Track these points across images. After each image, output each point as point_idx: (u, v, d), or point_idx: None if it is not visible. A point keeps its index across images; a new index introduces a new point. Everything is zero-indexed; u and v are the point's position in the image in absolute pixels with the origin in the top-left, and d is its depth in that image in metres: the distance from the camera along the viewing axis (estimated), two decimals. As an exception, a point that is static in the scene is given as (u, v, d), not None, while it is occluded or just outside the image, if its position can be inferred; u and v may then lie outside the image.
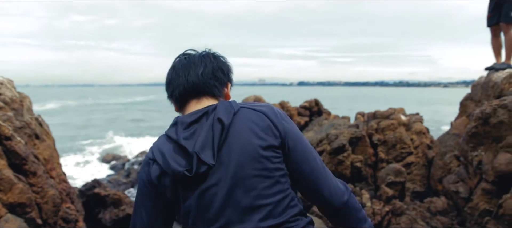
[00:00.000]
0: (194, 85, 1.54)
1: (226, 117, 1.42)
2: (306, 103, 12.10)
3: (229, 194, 1.37)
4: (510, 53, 6.84)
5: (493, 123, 5.08)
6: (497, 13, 6.77)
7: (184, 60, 1.60)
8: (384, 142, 7.77)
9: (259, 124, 1.44)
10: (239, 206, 1.37)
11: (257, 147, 1.39)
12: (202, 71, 1.55)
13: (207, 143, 1.38)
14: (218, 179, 1.38)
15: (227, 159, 1.38)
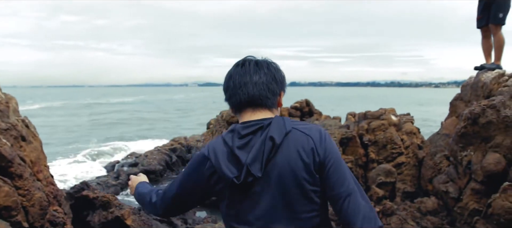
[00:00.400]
0: (249, 98, 1.67)
1: (278, 136, 1.57)
2: (297, 103, 12.08)
3: (269, 205, 1.57)
4: (499, 54, 6.88)
5: (482, 123, 5.09)
6: (486, 15, 6.81)
7: (241, 69, 1.71)
8: (375, 142, 7.78)
9: (305, 147, 1.57)
10: (276, 216, 1.57)
11: (300, 169, 1.55)
12: (257, 81, 1.67)
13: (257, 157, 1.55)
14: (261, 189, 1.57)
15: (272, 174, 1.56)
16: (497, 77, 6.28)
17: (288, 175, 1.55)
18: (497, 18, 6.69)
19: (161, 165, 12.16)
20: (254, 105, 1.68)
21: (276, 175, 1.56)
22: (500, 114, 4.99)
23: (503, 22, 6.73)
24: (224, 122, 11.60)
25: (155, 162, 12.13)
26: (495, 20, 6.70)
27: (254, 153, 1.55)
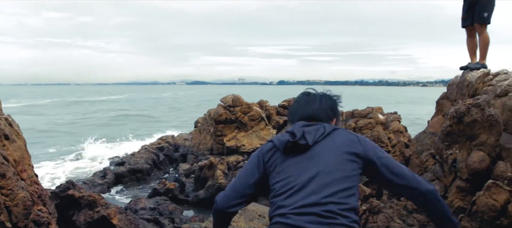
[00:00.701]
0: (309, 115, 2.18)
1: (328, 127, 2.09)
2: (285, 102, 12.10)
3: (316, 171, 1.94)
4: (484, 53, 6.95)
5: (467, 121, 5.13)
6: (471, 14, 6.87)
7: (306, 97, 2.29)
8: (362, 140, 7.83)
9: (351, 138, 2.08)
10: (319, 181, 1.92)
11: (343, 151, 2.01)
12: (318, 107, 2.21)
13: (311, 132, 2.04)
14: (312, 157, 1.99)
15: (322, 149, 2.01)
16: (482, 76, 6.34)
17: (334, 153, 2.01)
18: (482, 17, 6.76)
19: (148, 164, 12.08)
20: (312, 120, 2.17)
21: (325, 151, 2.01)
22: (484, 112, 5.03)
23: (488, 21, 6.80)
24: (212, 120, 11.58)
25: (142, 161, 12.05)
26: (480, 20, 6.77)
27: (309, 130, 2.06)
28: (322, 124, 2.11)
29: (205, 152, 11.58)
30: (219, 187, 8.44)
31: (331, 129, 2.08)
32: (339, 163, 1.97)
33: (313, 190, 1.90)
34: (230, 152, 10.91)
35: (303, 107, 2.24)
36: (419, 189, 2.01)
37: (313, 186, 1.91)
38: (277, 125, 11.47)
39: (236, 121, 11.32)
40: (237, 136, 11.19)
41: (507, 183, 4.84)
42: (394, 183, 2.05)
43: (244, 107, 11.44)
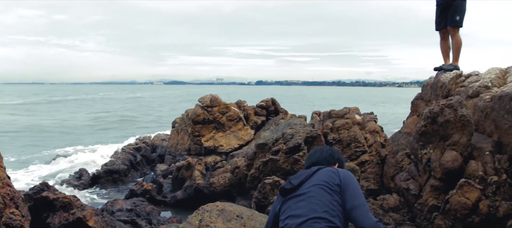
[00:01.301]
0: (312, 163, 2.88)
1: (315, 170, 2.73)
2: (263, 102, 12.11)
3: (306, 201, 2.55)
4: (457, 55, 7.12)
5: (440, 121, 5.25)
6: (444, 18, 7.04)
7: (314, 150, 3.04)
8: (339, 140, 7.90)
9: (332, 172, 2.67)
10: (310, 206, 2.51)
11: (327, 180, 2.60)
12: (319, 156, 2.92)
13: (297, 178, 2.71)
14: (302, 192, 2.61)
15: (308, 185, 2.63)
16: (454, 78, 6.49)
17: (318, 186, 2.60)
18: (455, 21, 6.93)
19: (125, 165, 11.92)
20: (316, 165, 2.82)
21: (311, 186, 2.62)
22: (457, 113, 5.15)
23: (461, 25, 6.97)
24: (190, 120, 11.51)
25: (119, 162, 11.88)
26: (453, 23, 6.93)
27: (298, 175, 2.76)
28: (312, 168, 2.77)
29: (182, 152, 11.50)
30: (197, 188, 8.40)
31: (316, 169, 2.74)
32: (324, 191, 2.59)
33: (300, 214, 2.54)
34: (208, 152, 10.87)
35: (308, 157, 3.04)
36: None
37: (300, 215, 2.52)
38: (255, 125, 11.48)
39: (214, 121, 11.29)
40: (215, 136, 11.15)
41: (478, 181, 4.97)
42: None
43: (222, 108, 11.42)
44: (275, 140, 7.76)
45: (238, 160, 8.75)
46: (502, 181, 4.83)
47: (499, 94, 5.16)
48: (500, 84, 5.72)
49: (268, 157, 7.50)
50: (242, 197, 7.87)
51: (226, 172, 8.43)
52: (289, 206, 2.63)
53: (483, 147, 5.17)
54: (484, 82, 5.76)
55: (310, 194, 2.56)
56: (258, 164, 7.62)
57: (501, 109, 5.04)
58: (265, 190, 6.80)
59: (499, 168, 4.94)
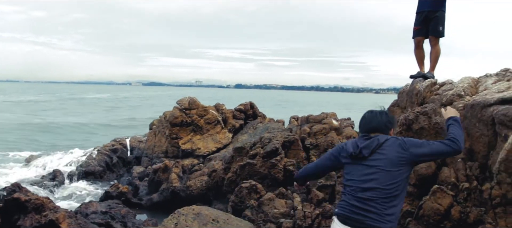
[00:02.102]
0: (373, 128, 3.20)
1: (382, 139, 3.06)
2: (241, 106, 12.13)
3: (372, 175, 2.96)
4: (434, 65, 7.26)
5: (415, 128, 5.34)
6: (425, 27, 7.14)
7: (370, 114, 3.31)
8: (316, 145, 7.97)
9: (400, 144, 3.02)
10: (375, 180, 2.94)
11: (395, 158, 2.98)
12: (379, 120, 3.21)
13: (368, 147, 3.04)
14: (370, 166, 2.99)
15: (378, 157, 2.99)
16: (429, 85, 6.62)
17: (388, 161, 2.97)
18: (438, 31, 7.05)
19: (101, 166, 11.78)
20: (375, 131, 3.18)
21: (382, 158, 2.99)
22: (431, 120, 5.26)
23: (443, 35, 7.11)
24: (167, 122, 11.44)
25: (94, 163, 11.73)
26: (436, 33, 7.06)
27: (366, 144, 3.06)
28: (377, 136, 3.11)
29: (160, 154, 11.42)
30: (173, 191, 8.35)
31: (384, 140, 3.05)
32: (390, 167, 2.98)
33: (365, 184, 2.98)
34: (185, 155, 10.82)
35: (367, 123, 3.27)
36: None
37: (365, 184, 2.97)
38: (233, 129, 11.48)
39: (192, 123, 11.25)
40: (193, 139, 11.11)
41: (450, 188, 5.07)
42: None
43: (200, 110, 11.39)
44: (253, 144, 7.78)
45: (216, 163, 8.74)
46: (473, 188, 4.95)
47: (471, 103, 5.28)
48: (472, 93, 5.86)
49: (246, 160, 7.52)
50: (219, 200, 7.86)
51: (203, 175, 8.41)
52: (355, 172, 3.06)
53: (456, 154, 5.29)
54: (457, 91, 5.89)
55: (380, 168, 2.95)
56: (235, 167, 7.62)
57: (473, 117, 5.16)
58: (242, 194, 6.81)
59: (470, 175, 5.06)
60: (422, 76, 7.16)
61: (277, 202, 6.62)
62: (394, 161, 2.94)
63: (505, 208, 4.44)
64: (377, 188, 2.89)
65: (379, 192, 2.88)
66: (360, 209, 2.90)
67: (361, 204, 2.90)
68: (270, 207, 6.50)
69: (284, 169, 7.39)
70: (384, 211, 2.85)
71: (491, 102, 4.87)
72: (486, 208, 4.72)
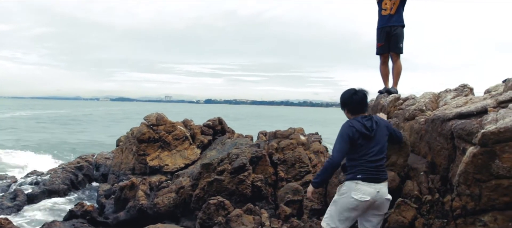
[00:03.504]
0: (366, 108, 4.41)
1: (378, 120, 4.34)
2: (210, 122, 12.10)
3: (379, 147, 4.24)
4: (397, 80, 7.46)
5: (379, 143, 5.45)
6: (387, 43, 7.34)
7: (357, 95, 4.32)
8: (284, 161, 8.00)
9: (386, 124, 4.49)
10: (381, 150, 4.26)
11: (385, 131, 4.39)
12: (366, 101, 4.38)
13: (372, 127, 4.18)
14: (377, 141, 4.22)
15: (377, 133, 4.22)
16: (393, 100, 6.79)
17: (383, 134, 4.31)
18: (398, 47, 7.27)
19: (65, 184, 11.46)
20: (362, 111, 4.35)
21: (378, 134, 4.24)
22: (395, 135, 5.38)
23: (402, 52, 7.33)
24: (135, 139, 11.28)
25: (59, 181, 11.41)
26: (397, 50, 7.27)
27: (370, 124, 4.19)
28: (372, 116, 4.36)
29: (126, 171, 11.22)
30: (140, 208, 8.20)
31: (377, 120, 4.31)
32: (384, 139, 4.35)
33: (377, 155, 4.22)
34: (152, 172, 10.67)
35: (361, 105, 4.35)
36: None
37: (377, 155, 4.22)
38: (202, 145, 11.42)
39: (160, 140, 11.12)
40: (161, 155, 10.98)
41: (414, 200, 5.19)
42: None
43: (168, 126, 11.29)
44: (220, 160, 7.75)
45: (183, 180, 8.66)
46: (435, 200, 5.08)
47: (432, 118, 5.44)
48: (433, 107, 6.04)
49: (213, 177, 7.47)
50: (186, 217, 7.77)
51: (171, 192, 8.30)
52: (367, 148, 4.18)
53: (418, 167, 5.42)
54: (419, 106, 6.06)
55: (380, 142, 4.25)
56: (203, 184, 7.57)
57: (434, 131, 5.32)
58: (209, 211, 6.76)
59: (433, 187, 5.19)
60: (387, 92, 7.35)
61: (245, 218, 6.61)
62: (385, 134, 4.35)
63: (465, 219, 4.57)
64: (382, 154, 4.26)
65: (383, 155, 4.28)
66: (377, 168, 4.17)
67: (375, 166, 4.16)
68: (238, 223, 6.48)
69: (252, 184, 7.38)
70: (383, 164, 4.31)
71: (450, 117, 5.03)
72: (447, 220, 4.85)
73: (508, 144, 4.09)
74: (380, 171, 4.19)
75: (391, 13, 7.22)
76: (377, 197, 4.15)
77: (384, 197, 4.21)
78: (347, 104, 4.36)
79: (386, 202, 4.26)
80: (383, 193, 4.20)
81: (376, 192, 4.13)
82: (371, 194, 4.12)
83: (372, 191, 4.12)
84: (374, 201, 4.15)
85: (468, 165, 4.36)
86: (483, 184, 4.31)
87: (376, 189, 4.13)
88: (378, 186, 4.15)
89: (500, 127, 4.12)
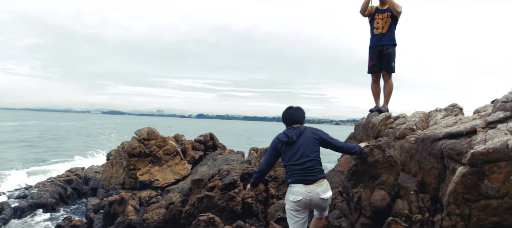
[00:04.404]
0: (295, 120, 4.95)
1: (303, 128, 4.85)
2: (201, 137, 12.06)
3: (301, 151, 4.65)
4: (388, 99, 7.51)
5: (370, 161, 5.47)
6: (379, 62, 7.40)
7: (291, 110, 5.02)
8: (275, 177, 7.98)
9: (313, 131, 4.86)
10: (306, 152, 4.65)
11: (311, 136, 4.77)
12: (298, 115, 5.00)
13: (294, 134, 4.76)
14: (298, 146, 4.70)
15: (299, 139, 4.73)
16: (384, 119, 6.83)
17: (307, 140, 4.72)
18: (391, 67, 7.33)
19: (54, 198, 11.30)
20: (295, 123, 4.94)
21: (302, 140, 4.71)
22: (385, 153, 5.40)
23: (394, 71, 7.40)
24: (125, 153, 11.20)
25: (47, 195, 11.25)
26: (389, 69, 7.33)
27: (294, 133, 4.77)
28: (299, 126, 4.86)
29: (116, 186, 11.11)
30: (129, 224, 8.11)
31: (303, 129, 4.81)
32: (309, 144, 4.71)
33: (300, 159, 4.64)
34: (142, 187, 10.58)
35: (290, 117, 4.96)
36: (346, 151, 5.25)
37: (300, 159, 4.63)
38: (193, 160, 11.37)
39: (151, 154, 11.06)
40: (151, 170, 10.91)
41: (404, 219, 5.19)
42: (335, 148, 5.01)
43: (159, 141, 11.23)
44: (211, 176, 7.71)
45: (173, 196, 8.59)
46: (425, 219, 5.08)
47: (422, 137, 5.48)
48: (424, 127, 6.09)
49: (204, 193, 7.43)
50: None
51: (161, 208, 8.23)
52: (290, 153, 4.67)
53: (409, 186, 5.43)
54: (409, 125, 6.10)
55: (302, 147, 4.65)
56: (193, 200, 7.51)
57: (424, 151, 5.35)
58: (199, 227, 6.70)
59: (423, 206, 5.20)
60: (377, 110, 7.39)
61: (235, 235, 6.55)
62: (310, 139, 4.71)
63: (455, 239, 4.57)
64: (306, 158, 4.62)
65: (309, 159, 4.61)
66: (304, 170, 4.57)
67: (302, 169, 4.58)
68: (228, 240, 6.42)
69: (243, 201, 7.34)
70: (316, 168, 4.62)
71: (440, 137, 5.07)
72: (437, 240, 4.85)
73: (497, 164, 4.12)
74: (309, 173, 4.58)
75: (383, 32, 7.30)
76: (310, 197, 4.56)
77: (318, 197, 4.59)
78: (282, 119, 5.05)
79: (322, 201, 4.64)
80: (316, 193, 4.56)
81: (307, 192, 4.55)
82: (302, 194, 4.56)
83: (303, 192, 4.56)
84: (309, 200, 4.58)
85: (457, 185, 4.38)
86: (472, 203, 4.33)
87: (307, 190, 4.55)
88: (310, 187, 4.55)
89: (489, 147, 4.16)
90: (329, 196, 4.70)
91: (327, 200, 4.70)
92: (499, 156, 4.09)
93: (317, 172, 4.64)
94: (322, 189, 4.61)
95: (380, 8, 7.39)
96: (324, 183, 4.67)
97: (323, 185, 4.64)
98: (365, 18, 7.61)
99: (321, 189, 4.61)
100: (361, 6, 7.46)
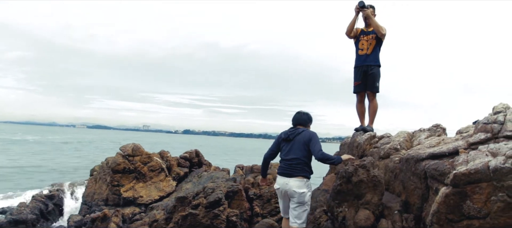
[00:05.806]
0: (298, 122, 5.56)
1: (301, 130, 5.41)
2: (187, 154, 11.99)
3: (294, 148, 5.30)
4: (373, 118, 7.57)
5: (354, 181, 5.48)
6: (364, 82, 7.47)
7: (298, 114, 5.63)
8: (260, 196, 7.95)
9: (306, 134, 5.35)
10: (295, 151, 5.29)
11: (302, 140, 5.29)
12: (302, 118, 5.58)
13: (293, 134, 5.40)
14: (292, 144, 5.34)
15: (295, 139, 5.34)
16: (369, 138, 6.87)
17: (301, 141, 5.28)
18: (375, 87, 7.40)
19: (34, 214, 11.09)
20: (299, 124, 5.54)
21: (297, 139, 5.31)
22: (369, 173, 5.42)
23: (379, 91, 7.47)
24: (109, 169, 11.07)
25: (27, 211, 11.04)
26: (373, 89, 7.40)
27: (291, 132, 5.43)
28: (299, 128, 5.43)
29: (99, 202, 10.95)
30: (111, 241, 7.98)
31: (302, 131, 5.35)
32: (300, 145, 5.24)
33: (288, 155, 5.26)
34: (126, 203, 10.44)
35: (296, 119, 5.53)
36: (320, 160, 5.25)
37: (288, 155, 5.26)
38: (178, 177, 11.27)
39: (135, 170, 10.94)
40: (135, 186, 10.78)
41: (388, 239, 5.19)
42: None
43: (144, 157, 11.14)
44: (196, 194, 7.66)
45: (157, 213, 8.49)
46: (409, 240, 5.09)
47: (406, 157, 5.52)
48: (408, 147, 6.14)
49: (188, 211, 7.36)
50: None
51: (144, 225, 8.13)
52: (285, 148, 5.35)
53: (392, 206, 5.45)
54: (393, 145, 6.15)
55: (294, 146, 5.26)
56: (177, 217, 7.44)
57: (408, 171, 5.39)
58: (182, 245, 6.62)
59: (406, 226, 5.21)
60: (363, 130, 7.44)
61: (219, 253, 6.48)
62: (302, 142, 5.24)
63: (438, 260, 4.58)
64: (292, 155, 5.23)
65: (294, 157, 5.21)
66: (288, 166, 5.25)
67: (287, 164, 5.26)
68: (211, 259, 6.35)
69: (227, 219, 7.29)
70: (298, 166, 5.19)
71: (423, 157, 5.11)
72: (420, 260, 4.85)
73: (478, 185, 4.16)
74: (291, 168, 5.26)
75: (367, 53, 7.38)
76: (286, 188, 5.25)
77: (292, 189, 5.20)
78: (291, 120, 5.69)
79: (295, 194, 5.20)
80: (291, 186, 5.21)
81: (285, 183, 5.27)
82: (281, 184, 5.33)
83: (282, 182, 5.32)
84: (285, 191, 5.28)
85: (440, 205, 4.41)
86: (455, 224, 4.35)
87: (285, 182, 5.27)
88: (287, 179, 5.25)
89: (470, 168, 4.21)
90: (301, 191, 5.18)
91: (300, 194, 5.19)
92: (480, 177, 4.14)
93: (299, 170, 5.23)
94: (296, 184, 5.19)
95: (365, 30, 7.49)
96: (300, 180, 5.21)
97: (298, 182, 5.20)
98: (350, 39, 7.70)
99: (296, 184, 5.19)
100: (347, 28, 7.55)
